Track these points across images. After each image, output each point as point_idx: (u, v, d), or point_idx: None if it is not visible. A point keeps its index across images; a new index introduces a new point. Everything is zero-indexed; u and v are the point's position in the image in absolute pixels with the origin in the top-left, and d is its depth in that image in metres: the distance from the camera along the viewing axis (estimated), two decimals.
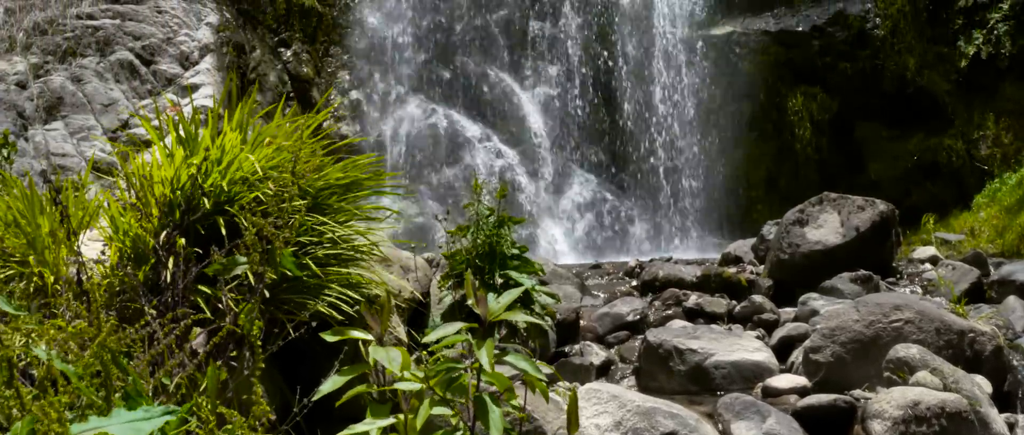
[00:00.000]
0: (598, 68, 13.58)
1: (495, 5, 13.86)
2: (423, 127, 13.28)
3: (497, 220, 5.93)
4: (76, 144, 10.46)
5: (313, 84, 13.22)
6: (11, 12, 10.80)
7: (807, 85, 13.06)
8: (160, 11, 11.73)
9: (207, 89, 11.38)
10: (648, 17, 13.70)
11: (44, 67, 10.73)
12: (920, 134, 12.61)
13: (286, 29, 13.26)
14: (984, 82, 12.11)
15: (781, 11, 13.35)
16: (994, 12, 12.00)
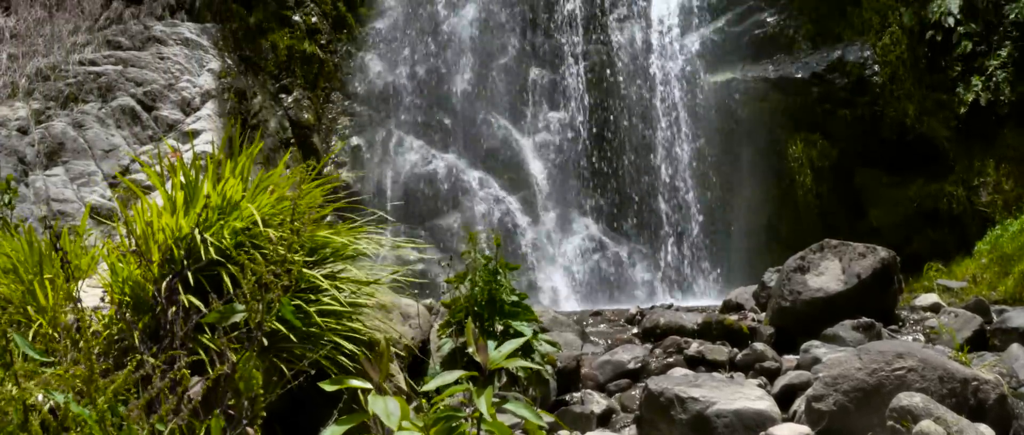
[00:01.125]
0: (598, 114, 13.62)
1: (496, 52, 13.94)
2: (423, 173, 13.30)
3: (494, 267, 5.91)
4: (76, 190, 10.46)
5: (314, 130, 13.26)
6: (14, 58, 10.86)
7: (807, 132, 13.09)
8: (162, 57, 11.80)
9: (208, 135, 11.41)
10: (648, 64, 13.77)
11: (46, 113, 10.76)
12: (920, 180, 12.60)
13: (287, 75, 13.33)
14: (984, 129, 12.12)
15: (780, 58, 13.41)
16: (992, 59, 12.04)
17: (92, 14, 11.57)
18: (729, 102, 13.36)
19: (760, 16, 13.65)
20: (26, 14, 11.05)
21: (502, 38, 13.98)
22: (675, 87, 13.62)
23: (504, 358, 2.70)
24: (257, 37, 13.31)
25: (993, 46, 12.14)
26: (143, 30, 11.85)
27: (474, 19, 14.06)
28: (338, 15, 13.95)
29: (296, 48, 13.45)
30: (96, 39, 11.48)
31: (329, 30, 13.84)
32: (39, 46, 11.01)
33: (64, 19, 11.32)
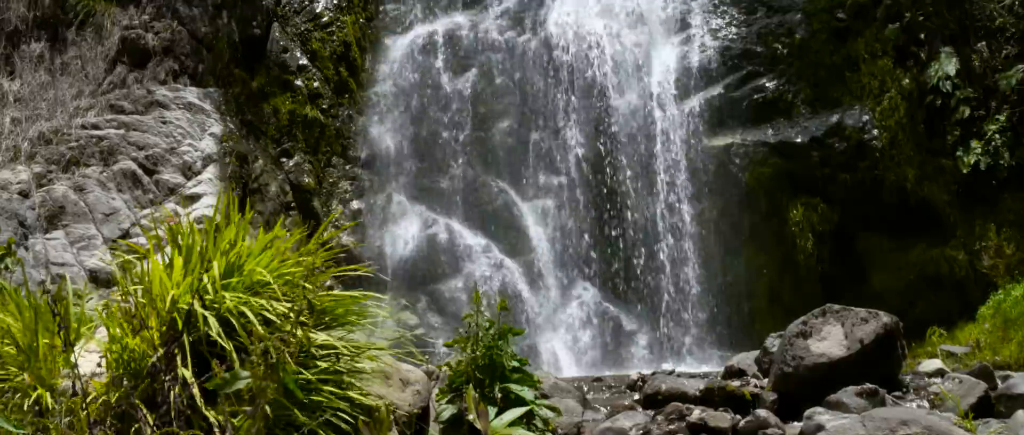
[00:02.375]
0: (598, 179, 13.64)
1: (496, 116, 14.01)
2: (424, 237, 13.29)
3: (497, 332, 5.87)
4: (76, 253, 10.44)
5: (314, 194, 13.28)
6: (17, 122, 10.91)
7: (808, 196, 13.10)
8: (165, 121, 11.85)
9: (209, 199, 11.41)
10: (648, 128, 13.83)
11: (47, 176, 10.78)
12: (922, 245, 12.58)
13: (289, 139, 13.38)
14: (984, 193, 12.14)
15: (780, 123, 13.48)
16: (991, 124, 12.10)
17: (96, 78, 11.65)
18: (730, 166, 13.39)
19: (759, 81, 13.74)
20: (31, 78, 11.13)
21: (503, 102, 14.07)
22: (676, 151, 13.66)
23: (505, 426, 2.66)
24: (259, 101, 13.40)
25: (991, 111, 12.21)
26: (146, 94, 11.92)
27: (475, 83, 14.15)
28: (340, 80, 14.05)
29: (298, 112, 13.52)
30: (99, 103, 11.54)
31: (331, 95, 13.93)
32: (43, 110, 11.07)
33: (68, 83, 11.39)
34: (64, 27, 11.69)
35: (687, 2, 14.61)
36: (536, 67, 14.16)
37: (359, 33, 14.46)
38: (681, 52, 14.24)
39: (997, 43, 12.50)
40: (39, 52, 11.33)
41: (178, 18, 12.68)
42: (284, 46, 13.79)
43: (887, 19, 13.33)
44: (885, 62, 13.15)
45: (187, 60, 12.59)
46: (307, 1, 14.26)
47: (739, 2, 14.47)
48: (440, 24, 14.67)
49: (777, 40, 13.93)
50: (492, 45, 14.42)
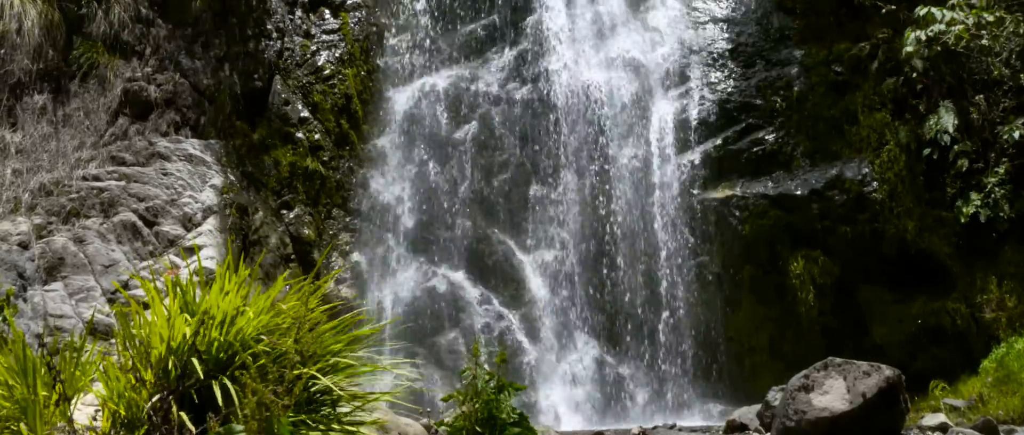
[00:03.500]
0: (598, 231, 13.64)
1: (496, 168, 14.04)
2: (423, 289, 13.26)
3: (496, 385, 5.82)
4: (74, 305, 10.40)
5: (314, 246, 13.28)
6: (18, 173, 10.93)
7: (808, 248, 13.09)
8: (165, 173, 11.88)
9: (209, 251, 11.40)
10: (647, 180, 13.86)
11: (47, 228, 10.78)
12: (923, 297, 12.55)
13: (289, 191, 13.40)
14: (985, 245, 12.14)
15: (779, 175, 13.50)
16: (990, 176, 12.13)
17: (98, 130, 11.69)
18: (729, 218, 13.39)
19: (758, 133, 13.80)
20: (33, 129, 11.16)
21: (503, 154, 14.11)
22: (675, 203, 13.68)
23: None
24: (260, 153, 13.44)
25: (990, 163, 12.25)
26: (147, 146, 11.96)
27: (475, 135, 14.20)
28: (341, 132, 14.11)
29: (299, 164, 13.56)
30: (101, 155, 11.58)
31: (331, 147, 13.98)
32: (44, 161, 11.09)
33: (70, 134, 11.43)
34: (67, 79, 11.76)
35: (686, 55, 14.72)
36: (536, 119, 14.22)
37: (360, 86, 14.54)
38: (680, 105, 14.31)
39: (995, 96, 12.58)
40: (42, 104, 11.38)
41: (181, 70, 12.76)
42: (286, 99, 13.87)
43: (884, 72, 13.42)
44: (883, 115, 13.22)
45: (189, 112, 12.65)
46: (309, 54, 14.37)
47: (737, 55, 14.58)
48: (441, 76, 14.76)
49: (776, 93, 14.01)
50: (492, 97, 14.49)
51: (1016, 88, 12.29)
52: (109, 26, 12.12)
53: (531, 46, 14.82)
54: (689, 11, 15.29)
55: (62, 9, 11.82)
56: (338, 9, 14.91)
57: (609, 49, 14.89)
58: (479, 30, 15.16)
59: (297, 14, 14.68)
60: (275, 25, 14.29)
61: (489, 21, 15.22)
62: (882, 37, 13.62)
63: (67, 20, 11.87)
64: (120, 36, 12.24)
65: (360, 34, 14.82)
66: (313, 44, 14.49)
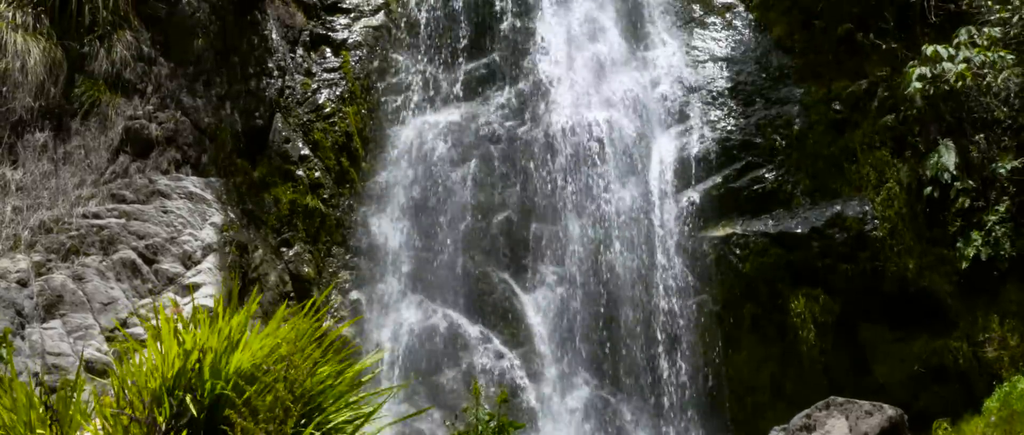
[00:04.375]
0: (598, 269, 13.61)
1: (496, 206, 14.04)
2: (423, 328, 13.22)
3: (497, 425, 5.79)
4: (73, 343, 10.36)
5: (314, 284, 13.24)
6: (18, 211, 10.92)
7: (809, 287, 13.05)
8: (166, 211, 11.88)
9: (208, 288, 11.37)
10: (647, 219, 13.85)
11: (46, 265, 10.76)
12: (925, 336, 12.50)
13: (289, 229, 13.40)
14: (986, 284, 12.10)
15: (780, 213, 13.50)
16: (991, 214, 12.11)
17: (98, 168, 11.70)
18: (730, 256, 13.37)
19: (759, 171, 13.81)
20: (33, 167, 11.17)
21: (503, 192, 14.12)
22: (675, 241, 13.66)
23: None
24: (260, 191, 13.45)
25: (991, 201, 12.24)
26: (148, 184, 11.96)
27: (475, 174, 14.22)
28: (341, 170, 14.13)
29: (299, 202, 13.56)
30: (101, 192, 11.58)
31: (332, 184, 13.99)
32: (44, 199, 11.09)
33: (70, 172, 11.44)
34: (68, 117, 11.79)
35: (686, 94, 14.78)
36: (536, 157, 14.25)
37: (361, 124, 14.58)
38: (680, 143, 14.35)
39: (994, 135, 12.60)
40: (43, 141, 11.40)
41: (182, 109, 12.80)
42: (286, 136, 13.90)
43: (884, 111, 13.46)
44: (883, 153, 13.24)
45: (189, 150, 12.67)
46: (310, 92, 14.42)
47: (737, 94, 14.64)
48: (441, 115, 14.81)
49: (776, 131, 14.05)
50: (492, 136, 14.53)
51: (1016, 127, 12.32)
52: (111, 65, 12.16)
53: (531, 85, 14.89)
54: (688, 50, 15.39)
55: (65, 47, 11.87)
56: (339, 48, 14.99)
57: (609, 88, 14.96)
58: (480, 69, 15.24)
59: (298, 53, 14.75)
60: (276, 63, 14.36)
61: (489, 60, 15.31)
62: (881, 75, 13.68)
63: (69, 58, 11.92)
64: (122, 74, 12.28)
65: (361, 72, 14.89)
66: (314, 82, 14.55)
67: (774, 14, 15.50)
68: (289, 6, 14.99)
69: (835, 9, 14.66)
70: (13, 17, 11.47)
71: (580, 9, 15.84)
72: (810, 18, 15.13)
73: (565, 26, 15.55)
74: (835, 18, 14.64)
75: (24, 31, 11.46)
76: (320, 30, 15.12)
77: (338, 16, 15.35)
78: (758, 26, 15.53)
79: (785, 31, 15.25)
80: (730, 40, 15.44)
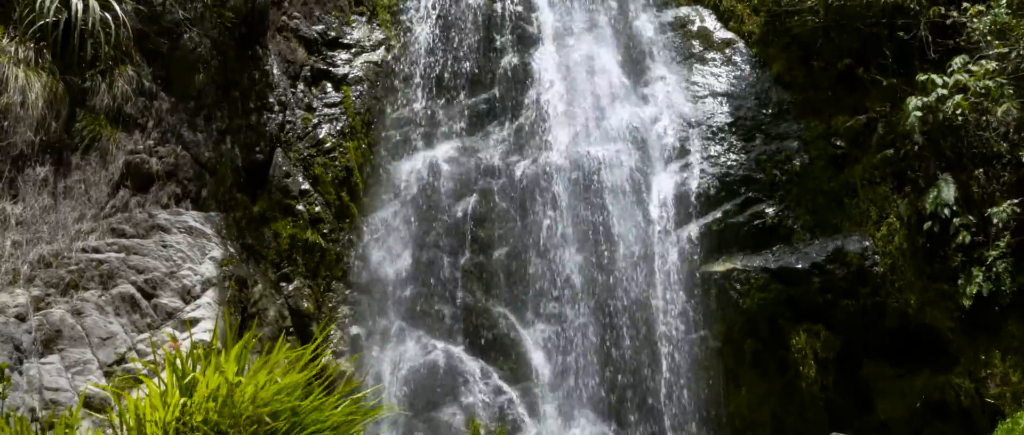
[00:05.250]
0: (598, 304, 13.58)
1: (496, 241, 14.03)
2: (422, 363, 13.16)
3: None
4: (70, 378, 10.30)
5: (313, 319, 13.20)
6: (18, 245, 10.90)
7: (810, 322, 13.02)
8: (165, 245, 11.86)
9: (207, 323, 11.33)
10: (648, 254, 13.84)
11: (45, 300, 10.73)
12: (927, 372, 12.45)
13: (289, 264, 13.37)
14: (987, 320, 12.07)
15: (780, 248, 13.50)
16: (992, 250, 12.11)
17: (98, 202, 11.69)
18: (730, 292, 13.35)
19: (759, 207, 13.83)
20: (33, 201, 11.16)
21: (503, 227, 14.11)
22: (675, 276, 13.65)
23: None
24: (260, 226, 13.44)
25: (991, 237, 12.24)
26: (148, 218, 11.95)
27: (475, 209, 14.22)
28: (341, 204, 14.13)
29: (298, 237, 13.55)
30: (101, 226, 11.56)
31: (332, 219, 13.98)
32: (44, 233, 11.07)
33: (70, 206, 11.43)
34: (69, 151, 11.79)
35: (685, 129, 14.82)
36: (536, 192, 14.26)
37: (361, 158, 14.60)
38: (680, 178, 14.37)
39: (994, 170, 12.62)
40: (43, 176, 11.39)
41: (182, 143, 12.81)
42: (286, 171, 13.91)
43: (884, 146, 13.50)
44: (883, 188, 13.26)
45: (190, 184, 12.67)
46: (311, 127, 14.45)
47: (737, 129, 14.69)
48: (441, 150, 14.83)
49: (776, 166, 14.08)
50: (492, 171, 14.55)
51: (1015, 162, 12.34)
52: (112, 99, 12.19)
53: (531, 120, 14.92)
54: (688, 85, 15.46)
55: (66, 82, 11.90)
56: (340, 83, 15.05)
57: (609, 122, 15.00)
58: (480, 104, 15.29)
59: (299, 88, 14.80)
60: (277, 98, 14.40)
61: (489, 95, 15.36)
62: (881, 111, 13.73)
63: (71, 93, 11.94)
64: (123, 109, 12.30)
65: (361, 107, 14.93)
66: (315, 117, 14.58)
67: (773, 50, 15.60)
68: (290, 42, 15.06)
69: (834, 45, 14.75)
70: (15, 52, 11.51)
71: (580, 44, 15.92)
72: (809, 54, 15.22)
73: (565, 61, 15.62)
74: (834, 54, 14.73)
75: (26, 66, 11.49)
76: (321, 65, 15.17)
77: (339, 51, 15.41)
78: (758, 62, 15.62)
79: (785, 67, 15.34)
80: (730, 76, 15.52)
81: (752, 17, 16.41)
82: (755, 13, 16.42)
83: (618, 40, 16.18)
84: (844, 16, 14.53)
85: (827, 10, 14.65)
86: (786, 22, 15.45)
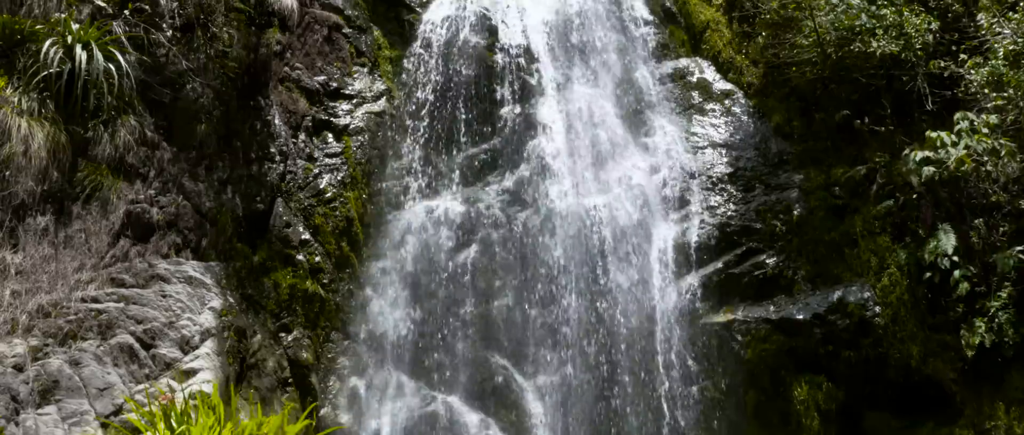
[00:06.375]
0: (599, 356, 13.52)
1: (496, 292, 14.00)
2: (422, 415, 13.07)
3: None
4: (67, 430, 10.22)
5: (312, 370, 13.13)
6: (17, 295, 10.87)
7: (812, 373, 12.96)
8: (165, 295, 11.83)
9: (206, 374, 11.27)
10: (649, 304, 13.81)
11: (43, 350, 10.68)
12: (931, 424, 12.36)
13: (288, 314, 13.33)
14: (990, 371, 12.01)
15: (781, 299, 13.47)
16: (993, 301, 12.08)
17: (99, 252, 11.68)
18: (731, 343, 13.30)
19: (759, 257, 13.83)
20: (33, 251, 11.15)
21: (503, 278, 14.09)
22: (676, 328, 13.60)
23: None
24: (260, 276, 13.41)
25: (992, 287, 12.21)
26: (148, 268, 11.93)
27: (475, 259, 14.21)
28: (341, 255, 14.11)
29: (298, 287, 13.51)
30: (101, 276, 11.54)
31: (332, 269, 13.96)
32: (43, 283, 11.05)
33: (70, 256, 11.42)
34: (70, 201, 11.81)
35: (686, 179, 14.86)
36: (536, 243, 14.25)
37: (362, 208, 14.62)
38: (680, 228, 14.38)
39: (994, 220, 12.63)
40: (44, 225, 11.40)
41: (183, 193, 12.83)
42: (287, 221, 13.91)
43: (883, 196, 13.53)
44: (883, 239, 13.26)
45: (190, 234, 12.67)
46: (311, 177, 14.48)
47: (736, 180, 14.73)
48: (441, 200, 14.86)
49: (776, 217, 14.11)
50: (493, 221, 14.55)
51: (1015, 212, 12.35)
52: (114, 149, 12.23)
53: (532, 170, 14.96)
54: (688, 136, 15.54)
55: (69, 132, 11.95)
56: (341, 133, 15.10)
57: (609, 173, 15.05)
58: (481, 155, 15.34)
59: (301, 138, 14.85)
60: (278, 148, 14.44)
61: (490, 145, 15.41)
62: (880, 161, 13.78)
63: (73, 143, 11.99)
64: (125, 159, 12.35)
65: (362, 158, 14.97)
66: (316, 167, 14.62)
67: (773, 101, 15.70)
68: (292, 92, 15.15)
69: (833, 96, 14.86)
70: (19, 102, 11.59)
71: (580, 95, 16.01)
72: (809, 105, 15.33)
73: (565, 112, 15.70)
74: (833, 105, 14.83)
75: (29, 116, 11.56)
76: (322, 116, 15.24)
77: (340, 102, 15.49)
78: (757, 113, 15.71)
79: (784, 118, 15.43)
80: (729, 126, 15.60)
81: (751, 68, 16.54)
82: (754, 65, 16.55)
83: (618, 91, 16.28)
84: (843, 68, 14.66)
85: (826, 62, 14.77)
86: (785, 73, 15.57)
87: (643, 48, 16.98)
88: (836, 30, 14.36)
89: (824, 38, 14.63)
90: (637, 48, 16.94)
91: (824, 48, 14.69)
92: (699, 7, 17.92)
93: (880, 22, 13.93)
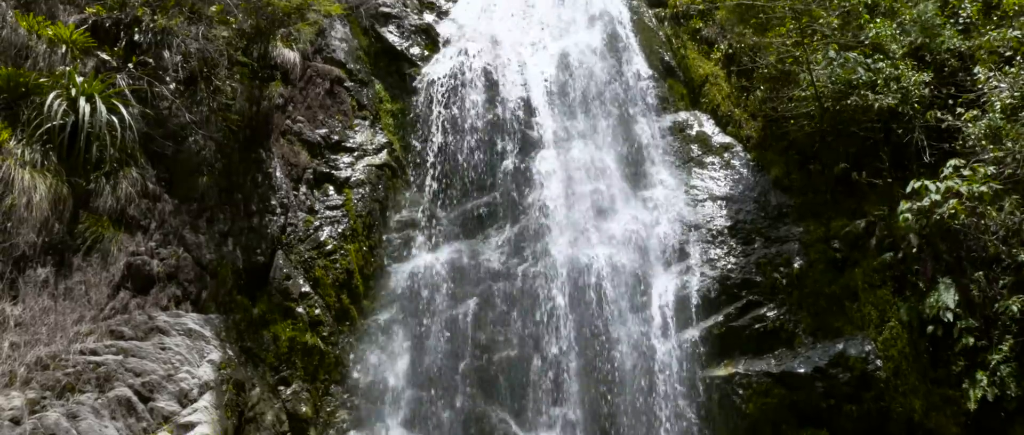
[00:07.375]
0: (599, 409, 13.44)
1: (497, 345, 13.95)
2: None
3: None
4: None
5: (311, 423, 13.05)
6: (16, 347, 10.85)
7: (813, 427, 12.88)
8: (164, 347, 11.80)
9: (204, 428, 11.21)
10: (648, 357, 13.76)
11: (41, 403, 10.63)
12: None
13: (288, 367, 13.28)
14: (993, 425, 11.93)
15: (782, 352, 13.43)
16: (995, 354, 12.04)
17: (98, 304, 11.68)
18: (732, 397, 13.24)
19: (760, 310, 13.81)
20: (33, 303, 11.15)
21: (503, 331, 14.05)
22: (677, 381, 13.54)
23: None
24: (260, 328, 13.38)
25: (994, 340, 12.18)
26: (147, 320, 11.92)
27: (475, 312, 14.18)
28: (341, 307, 14.09)
29: (298, 340, 13.48)
30: (100, 329, 11.53)
31: (331, 322, 13.93)
32: (42, 335, 11.03)
33: (70, 308, 11.41)
34: (71, 252, 11.83)
35: (685, 232, 14.90)
36: (537, 296, 14.24)
37: (362, 261, 14.63)
38: (681, 281, 14.38)
39: (994, 273, 12.62)
40: (44, 277, 11.41)
41: (184, 245, 12.86)
42: (287, 273, 13.92)
43: (882, 249, 13.54)
44: (884, 292, 13.25)
45: (190, 286, 12.67)
46: (312, 229, 14.51)
47: (736, 232, 14.76)
48: (442, 253, 14.88)
49: (776, 270, 14.11)
50: (493, 274, 14.56)
51: (1015, 265, 12.35)
52: (115, 201, 12.28)
53: (532, 223, 15.00)
54: (688, 189, 15.60)
55: (71, 184, 12.01)
56: (342, 186, 15.16)
57: (609, 226, 15.08)
58: (481, 207, 15.38)
59: (302, 190, 14.90)
60: (279, 201, 14.49)
61: (490, 198, 15.46)
62: (879, 214, 13.81)
63: (75, 194, 12.04)
64: (126, 211, 12.39)
65: (363, 210, 15.01)
66: (316, 220, 14.65)
67: (772, 154, 15.78)
68: (294, 145, 15.23)
69: (831, 149, 14.93)
70: (22, 154, 11.65)
71: (580, 148, 16.10)
72: (807, 158, 15.40)
73: (565, 165, 15.77)
74: (831, 158, 14.89)
75: (32, 168, 11.61)
76: (323, 168, 15.31)
77: (342, 155, 15.57)
78: (756, 166, 15.78)
79: (783, 171, 15.50)
80: (728, 179, 15.66)
81: (750, 122, 16.64)
82: (753, 118, 16.66)
83: (618, 144, 16.37)
84: (841, 121, 14.74)
85: (824, 115, 14.86)
86: (784, 127, 15.67)
87: (642, 101, 17.11)
88: (833, 84, 14.47)
89: (822, 92, 14.74)
90: (636, 101, 17.06)
91: (822, 102, 14.79)
92: (698, 61, 18.09)
93: (878, 75, 14.05)
